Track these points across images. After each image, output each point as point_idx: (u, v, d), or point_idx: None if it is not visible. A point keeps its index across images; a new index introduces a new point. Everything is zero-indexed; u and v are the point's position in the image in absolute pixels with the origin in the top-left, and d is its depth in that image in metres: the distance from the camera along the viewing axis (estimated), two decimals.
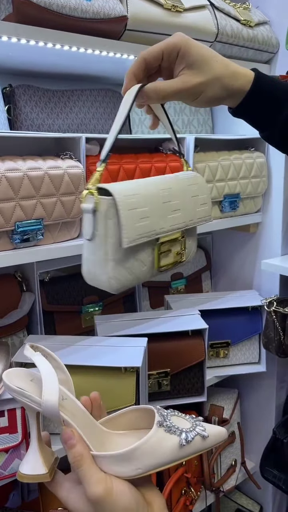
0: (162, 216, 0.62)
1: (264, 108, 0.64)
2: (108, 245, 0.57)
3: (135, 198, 0.58)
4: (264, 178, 1.30)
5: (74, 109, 1.08)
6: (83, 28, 0.88)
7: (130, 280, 0.60)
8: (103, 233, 0.57)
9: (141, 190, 0.60)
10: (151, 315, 1.19)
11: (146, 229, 0.59)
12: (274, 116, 0.64)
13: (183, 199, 0.66)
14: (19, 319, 1.06)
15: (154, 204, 0.61)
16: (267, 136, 0.68)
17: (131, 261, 0.59)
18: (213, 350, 1.28)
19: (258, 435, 1.47)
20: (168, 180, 0.67)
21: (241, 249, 1.47)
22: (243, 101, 0.63)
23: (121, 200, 0.56)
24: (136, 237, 0.57)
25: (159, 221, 0.62)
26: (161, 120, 0.70)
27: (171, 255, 0.66)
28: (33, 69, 1.06)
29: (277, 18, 1.27)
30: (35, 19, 0.81)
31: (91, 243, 0.58)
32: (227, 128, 1.40)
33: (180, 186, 0.67)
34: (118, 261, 0.58)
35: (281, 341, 1.23)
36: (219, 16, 1.11)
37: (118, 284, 0.59)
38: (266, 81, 0.63)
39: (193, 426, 0.58)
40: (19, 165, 0.83)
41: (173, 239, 0.65)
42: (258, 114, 0.65)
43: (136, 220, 0.58)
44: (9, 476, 0.87)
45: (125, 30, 0.94)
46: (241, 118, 0.67)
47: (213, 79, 0.60)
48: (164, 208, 0.62)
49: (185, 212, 0.66)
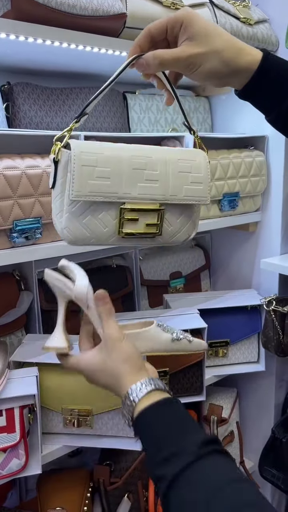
0: (131, 181, 0.63)
1: (272, 89, 0.63)
2: (65, 196, 0.61)
3: (94, 156, 0.61)
4: (263, 177, 1.30)
5: (73, 107, 1.07)
6: (82, 26, 0.87)
7: (87, 236, 0.64)
8: (61, 183, 0.62)
9: (107, 151, 0.62)
10: (150, 314, 1.19)
11: (104, 189, 0.61)
12: (281, 98, 0.63)
13: (165, 171, 0.65)
14: (17, 318, 1.06)
15: (121, 167, 0.62)
16: (273, 120, 0.67)
17: (88, 218, 0.62)
18: (212, 349, 1.28)
19: (257, 434, 1.47)
20: (151, 150, 0.66)
21: (240, 248, 1.46)
22: (251, 80, 0.62)
23: (76, 154, 0.60)
24: (87, 194, 0.60)
25: (125, 186, 0.62)
26: (172, 93, 0.69)
27: (139, 224, 0.65)
28: (31, 67, 1.05)
29: (276, 16, 1.26)
30: (33, 16, 0.81)
31: (53, 192, 0.64)
32: (226, 126, 1.40)
33: (165, 158, 0.66)
34: (73, 213, 0.62)
35: (280, 340, 1.22)
36: (219, 14, 1.11)
37: (72, 236, 0.63)
38: (275, 61, 0.62)
39: (183, 332, 0.81)
40: (17, 163, 0.83)
41: (143, 209, 0.65)
42: (266, 95, 0.64)
43: (90, 177, 0.60)
44: (7, 476, 0.87)
45: (124, 27, 0.94)
46: (247, 101, 0.66)
47: (212, 51, 0.60)
48: (133, 174, 0.63)
49: (165, 184, 0.65)
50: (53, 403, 0.96)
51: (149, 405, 0.57)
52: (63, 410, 0.96)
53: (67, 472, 1.12)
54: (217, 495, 0.45)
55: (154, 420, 0.56)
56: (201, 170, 0.69)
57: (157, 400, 0.58)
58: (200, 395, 1.17)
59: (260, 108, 0.67)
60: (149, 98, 1.24)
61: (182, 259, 1.45)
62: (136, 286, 1.32)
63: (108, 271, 1.27)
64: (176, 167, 0.66)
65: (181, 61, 0.60)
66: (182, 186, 0.67)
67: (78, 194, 0.60)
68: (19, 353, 0.98)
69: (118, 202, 0.63)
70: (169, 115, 1.26)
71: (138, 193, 0.64)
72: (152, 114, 1.23)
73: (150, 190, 0.65)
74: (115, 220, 0.64)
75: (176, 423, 0.56)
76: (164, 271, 1.40)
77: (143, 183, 0.64)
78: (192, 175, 0.68)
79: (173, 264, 1.42)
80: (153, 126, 1.24)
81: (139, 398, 0.58)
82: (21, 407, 0.87)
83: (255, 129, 1.31)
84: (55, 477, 1.09)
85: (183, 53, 0.60)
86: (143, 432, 0.57)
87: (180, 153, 0.69)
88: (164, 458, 0.51)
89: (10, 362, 0.94)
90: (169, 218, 0.68)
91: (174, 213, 0.68)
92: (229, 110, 1.38)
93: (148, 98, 1.23)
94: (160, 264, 1.39)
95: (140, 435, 0.58)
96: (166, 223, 0.68)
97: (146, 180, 0.64)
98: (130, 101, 1.20)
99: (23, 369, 0.94)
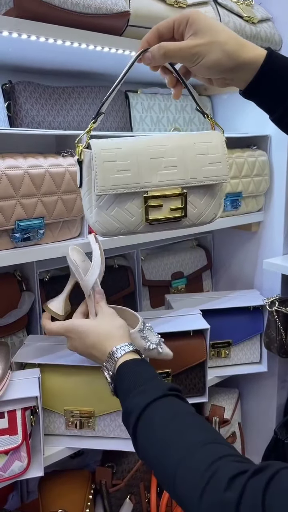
0: (150, 170, 0.66)
1: (277, 86, 0.63)
2: (92, 193, 0.65)
3: (114, 152, 0.65)
4: (266, 177, 1.29)
5: (75, 106, 1.06)
6: (84, 24, 0.86)
7: (117, 227, 0.68)
8: (87, 181, 0.66)
9: (124, 146, 0.66)
10: (152, 315, 1.18)
11: (126, 180, 0.65)
12: (286, 94, 0.63)
13: (183, 156, 0.68)
14: (18, 319, 1.05)
15: (139, 159, 0.65)
16: (277, 119, 0.67)
17: (116, 210, 0.66)
18: (214, 350, 1.27)
19: (259, 435, 1.46)
20: (166, 138, 0.69)
21: (243, 248, 1.45)
22: (256, 76, 0.63)
23: (97, 152, 0.64)
24: (111, 187, 0.64)
25: (146, 175, 0.65)
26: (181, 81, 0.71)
27: (164, 210, 0.68)
28: (33, 66, 1.04)
29: (280, 15, 1.25)
30: (36, 14, 0.80)
31: (82, 190, 0.68)
32: (229, 126, 1.39)
33: (180, 144, 0.68)
34: (101, 208, 0.66)
35: (283, 341, 1.22)
36: (222, 13, 1.10)
37: (103, 229, 0.68)
38: (279, 58, 0.64)
39: (157, 342, 0.92)
40: (20, 162, 0.82)
41: (166, 195, 0.67)
42: (270, 93, 0.64)
43: (112, 172, 0.64)
44: (9, 479, 0.86)
45: (128, 25, 0.93)
46: (251, 99, 0.67)
47: (214, 42, 0.62)
48: (152, 163, 0.66)
49: (184, 169, 0.68)
50: (55, 404, 0.95)
51: (130, 359, 0.71)
52: (65, 412, 0.95)
53: (69, 474, 1.11)
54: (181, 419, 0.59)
55: (133, 369, 0.70)
56: (219, 150, 0.71)
57: (135, 357, 0.72)
58: (203, 396, 1.17)
59: (264, 107, 0.68)
60: (151, 97, 1.23)
61: (184, 259, 1.44)
62: (138, 286, 1.31)
63: (110, 271, 1.26)
64: (193, 150, 0.69)
65: (185, 50, 0.62)
66: (201, 168, 0.69)
67: (103, 189, 0.63)
68: (21, 354, 0.98)
69: (141, 191, 0.67)
70: (171, 114, 1.25)
71: (159, 180, 0.67)
72: (154, 113, 1.22)
73: (170, 176, 0.67)
74: (140, 209, 0.67)
75: (147, 374, 0.68)
76: (165, 271, 1.39)
77: (163, 170, 0.67)
78: (210, 156, 0.70)
79: (174, 264, 1.41)
80: (155, 125, 1.23)
81: (123, 353, 0.72)
82: (23, 409, 0.86)
83: (257, 128, 1.31)
84: (57, 478, 1.08)
85: (187, 44, 0.62)
86: (122, 378, 0.69)
87: (196, 137, 0.71)
88: (137, 393, 0.64)
89: (12, 363, 0.93)
90: (192, 200, 0.71)
91: (197, 195, 0.71)
92: (231, 109, 1.37)
93: (150, 97, 1.22)
94: (161, 264, 1.39)
95: (119, 382, 0.70)
96: (190, 205, 0.70)
97: (165, 167, 0.67)
98: (132, 100, 1.19)
99: (25, 370, 0.93)
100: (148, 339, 0.91)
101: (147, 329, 0.93)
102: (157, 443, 0.58)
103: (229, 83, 0.67)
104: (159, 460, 0.57)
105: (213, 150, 0.71)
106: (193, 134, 0.72)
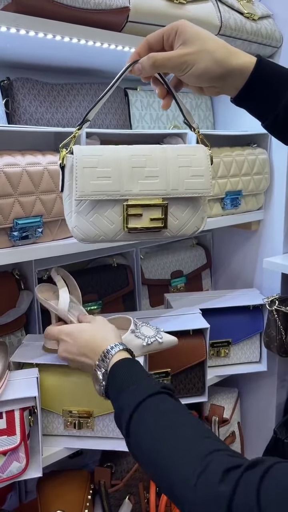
0: (131, 179, 0.66)
1: (267, 91, 0.64)
2: (72, 195, 0.65)
3: (95, 158, 0.65)
4: (266, 175, 1.28)
5: (74, 103, 1.05)
6: (84, 19, 0.85)
7: (95, 234, 0.68)
8: (68, 186, 0.67)
9: (107, 153, 0.66)
10: (151, 314, 1.18)
11: (106, 187, 0.65)
12: (277, 100, 0.64)
13: (165, 167, 0.67)
14: (17, 318, 1.04)
15: (120, 167, 0.65)
16: (269, 125, 0.67)
17: (95, 216, 0.67)
18: (214, 349, 1.27)
19: (259, 435, 1.46)
20: (150, 149, 0.69)
21: (242, 247, 1.45)
22: (247, 83, 0.63)
23: (78, 158, 0.64)
24: (90, 193, 0.64)
25: (126, 184, 0.65)
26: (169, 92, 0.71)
27: (144, 219, 0.68)
28: (32, 62, 1.03)
29: (280, 11, 1.24)
30: (34, 9, 0.79)
31: (63, 194, 0.69)
32: (228, 124, 1.38)
33: (164, 155, 0.68)
34: (80, 213, 0.66)
35: (282, 340, 1.21)
36: (223, 9, 1.09)
37: (82, 234, 0.68)
38: (269, 64, 0.64)
39: (155, 334, 0.93)
40: (18, 160, 0.81)
41: (146, 204, 0.67)
42: (262, 98, 0.65)
43: (92, 178, 0.64)
44: (7, 479, 0.85)
45: (127, 21, 0.92)
46: (242, 106, 0.68)
47: (203, 50, 0.62)
48: (134, 172, 0.66)
49: (166, 180, 0.67)
50: (53, 405, 0.94)
51: (124, 358, 0.72)
52: (64, 412, 0.95)
53: (68, 474, 1.11)
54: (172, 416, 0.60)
55: (126, 367, 0.71)
56: (202, 163, 0.71)
57: (128, 357, 0.73)
58: (202, 395, 1.16)
59: (255, 113, 0.68)
60: (151, 94, 1.22)
61: (183, 258, 1.43)
62: (137, 285, 1.31)
63: (109, 270, 1.25)
64: (176, 162, 0.68)
65: (174, 60, 0.63)
66: (183, 180, 0.69)
67: (82, 194, 0.63)
68: (19, 353, 0.97)
69: (121, 199, 0.66)
70: (171, 112, 1.24)
71: (139, 189, 0.66)
72: (153, 110, 1.21)
73: (151, 186, 0.67)
74: (120, 217, 0.67)
75: (141, 373, 0.69)
76: (165, 270, 1.39)
77: (144, 180, 0.67)
78: (193, 169, 0.70)
79: (174, 263, 1.41)
80: (154, 123, 1.22)
81: (118, 350, 0.73)
82: (22, 409, 0.85)
83: (257, 126, 1.28)
84: (56, 479, 1.08)
85: (176, 53, 0.63)
86: (115, 376, 0.70)
87: (180, 149, 0.71)
88: (130, 391, 0.65)
89: (10, 363, 0.92)
90: (174, 212, 0.70)
91: (179, 206, 0.70)
92: (231, 107, 1.32)
93: (149, 94, 1.21)
94: (161, 263, 1.38)
95: (111, 380, 0.70)
96: (171, 216, 0.70)
97: (147, 177, 0.67)
98: (132, 97, 1.18)
99: (24, 370, 0.92)
100: (144, 335, 0.92)
101: (140, 327, 0.95)
102: (150, 441, 0.58)
103: (219, 91, 0.67)
104: (151, 457, 0.57)
105: (197, 163, 0.71)
106: (178, 147, 0.72)
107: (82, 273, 1.20)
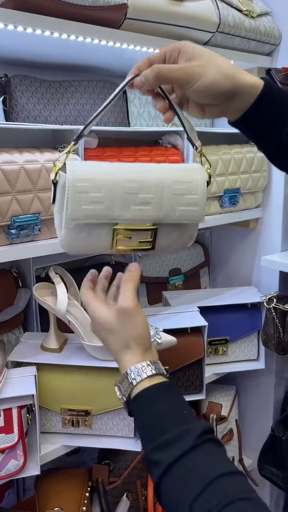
0: (123, 205, 0.63)
1: (275, 113, 0.62)
2: (63, 213, 0.63)
3: (88, 183, 0.62)
4: (264, 173, 1.28)
5: (72, 101, 1.05)
6: (82, 16, 0.85)
7: (84, 249, 0.67)
8: (60, 202, 0.64)
9: (100, 176, 0.63)
10: (150, 312, 1.18)
11: (98, 212, 0.63)
12: (284, 123, 0.62)
13: (159, 195, 0.65)
14: (14, 316, 1.04)
15: (113, 192, 0.63)
16: (272, 150, 0.66)
17: (84, 235, 0.64)
18: (212, 347, 1.27)
19: (256, 432, 1.46)
20: (147, 171, 0.66)
21: (240, 244, 1.45)
22: (256, 102, 0.61)
23: (71, 183, 0.61)
24: (82, 218, 0.62)
25: (118, 209, 0.63)
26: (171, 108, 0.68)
27: (133, 241, 0.66)
28: (29, 59, 1.02)
29: (279, 9, 1.24)
30: (32, 6, 0.78)
31: (54, 206, 0.66)
32: (227, 122, 1.37)
33: (161, 180, 0.65)
34: (70, 230, 0.64)
35: (280, 338, 1.21)
36: (221, 6, 1.08)
37: (70, 249, 0.67)
38: (275, 87, 0.62)
39: (153, 334, 0.94)
40: (16, 157, 0.81)
41: (136, 229, 0.66)
42: (268, 121, 0.62)
43: (84, 203, 0.62)
44: (5, 477, 0.85)
45: (125, 18, 0.91)
46: (243, 128, 0.65)
47: (211, 64, 0.60)
48: (127, 198, 0.63)
49: (159, 207, 0.65)
50: (51, 403, 0.94)
51: (148, 387, 0.58)
52: (62, 411, 0.95)
53: (66, 471, 1.11)
54: (209, 486, 0.48)
55: (152, 403, 0.58)
56: (198, 191, 0.67)
57: (155, 383, 0.58)
58: (200, 393, 1.16)
59: (257, 136, 0.66)
60: None
61: (181, 256, 1.43)
62: None
63: None
64: (171, 190, 0.66)
65: (180, 70, 0.60)
66: (176, 207, 0.66)
67: (73, 218, 0.62)
68: (17, 351, 0.97)
69: (111, 222, 0.64)
70: None
71: (130, 215, 0.64)
72: (152, 108, 1.21)
73: (143, 213, 0.65)
74: (109, 236, 0.65)
75: (173, 409, 0.57)
76: (163, 268, 1.39)
77: (136, 206, 0.64)
78: (188, 197, 0.67)
79: (172, 261, 1.41)
80: (153, 120, 1.21)
81: (141, 379, 0.59)
82: (19, 407, 0.85)
83: None
84: (53, 476, 1.08)
85: (182, 65, 0.60)
86: (139, 413, 0.58)
87: (178, 174, 0.67)
88: (160, 444, 0.53)
89: (8, 362, 0.92)
90: (163, 234, 0.68)
91: (169, 230, 0.68)
92: None
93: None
94: (159, 261, 1.38)
95: (136, 415, 0.59)
96: (160, 238, 0.68)
97: (140, 203, 0.64)
98: (130, 95, 1.18)
99: (21, 368, 0.92)
100: None
101: None
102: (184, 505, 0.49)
103: (223, 111, 0.64)
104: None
105: (192, 192, 0.67)
106: (176, 168, 0.68)
107: (80, 271, 1.19)
